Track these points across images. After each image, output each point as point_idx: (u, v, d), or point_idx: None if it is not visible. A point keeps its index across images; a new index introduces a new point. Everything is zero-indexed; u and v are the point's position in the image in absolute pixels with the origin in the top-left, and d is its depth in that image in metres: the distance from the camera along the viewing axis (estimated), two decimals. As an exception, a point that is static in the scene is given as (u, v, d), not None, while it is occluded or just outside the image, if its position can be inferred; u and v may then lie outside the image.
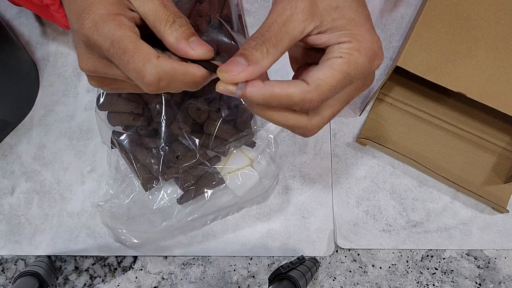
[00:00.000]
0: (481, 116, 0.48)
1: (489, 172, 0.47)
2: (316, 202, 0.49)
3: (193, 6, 0.46)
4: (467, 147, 0.48)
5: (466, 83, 0.41)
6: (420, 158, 0.48)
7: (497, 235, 0.48)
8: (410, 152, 0.48)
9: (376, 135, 0.49)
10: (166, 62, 0.27)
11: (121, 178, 0.48)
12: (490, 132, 0.48)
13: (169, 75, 0.27)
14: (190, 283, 0.49)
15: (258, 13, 0.54)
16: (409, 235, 0.48)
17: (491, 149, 0.48)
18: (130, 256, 0.50)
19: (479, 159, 0.48)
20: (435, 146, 0.49)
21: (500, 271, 0.48)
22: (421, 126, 0.49)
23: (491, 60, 0.41)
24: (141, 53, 0.26)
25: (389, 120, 0.50)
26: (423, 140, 0.49)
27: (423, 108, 0.49)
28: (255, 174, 0.47)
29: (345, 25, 0.27)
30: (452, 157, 0.48)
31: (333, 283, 0.48)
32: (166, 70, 0.27)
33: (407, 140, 0.49)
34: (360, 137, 0.49)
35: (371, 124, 0.50)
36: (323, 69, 0.27)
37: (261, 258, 0.49)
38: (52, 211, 0.51)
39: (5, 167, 0.52)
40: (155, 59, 0.26)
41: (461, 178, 0.47)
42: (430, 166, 0.47)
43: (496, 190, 0.47)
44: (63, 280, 0.50)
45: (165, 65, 0.27)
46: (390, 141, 0.49)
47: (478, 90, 0.41)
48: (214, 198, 0.47)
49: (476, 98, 0.41)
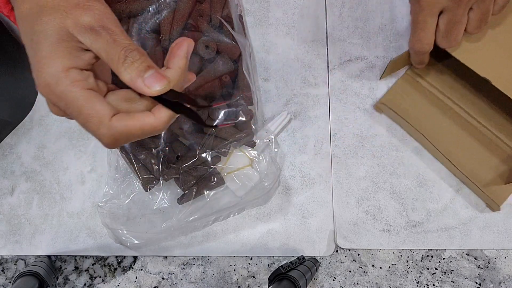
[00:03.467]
0: (502, 116, 0.48)
1: (494, 170, 0.47)
2: (316, 202, 0.49)
3: (194, 5, 0.46)
4: (480, 141, 0.48)
5: (494, 71, 0.41)
6: (433, 139, 0.48)
7: (497, 235, 0.48)
8: (424, 130, 0.48)
9: (394, 106, 0.49)
10: (120, 122, 0.27)
11: (121, 178, 0.48)
12: (507, 133, 0.48)
13: (124, 134, 0.27)
14: (190, 283, 0.49)
15: (258, 13, 0.54)
16: (409, 235, 0.48)
17: (503, 149, 0.48)
18: (130, 256, 0.50)
19: (488, 155, 0.48)
20: (449, 132, 0.49)
21: (500, 271, 0.48)
22: (440, 110, 0.49)
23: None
24: (94, 116, 0.26)
25: (411, 96, 0.50)
26: (439, 123, 0.49)
27: (448, 94, 0.49)
28: (255, 174, 0.47)
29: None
30: (464, 147, 0.48)
31: (333, 283, 0.48)
32: (120, 130, 0.27)
33: (424, 119, 0.49)
34: (380, 102, 0.49)
35: (393, 95, 0.50)
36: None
37: (261, 258, 0.49)
38: (52, 211, 0.51)
39: (5, 167, 0.52)
40: (108, 121, 0.26)
41: (467, 168, 0.47)
42: (441, 148, 0.47)
43: (496, 188, 0.47)
44: (63, 280, 0.50)
45: (118, 126, 0.26)
46: (407, 115, 0.49)
47: (505, 81, 0.41)
48: (215, 198, 0.47)
49: (499, 87, 0.41)
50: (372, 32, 0.52)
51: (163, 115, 0.28)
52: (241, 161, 0.48)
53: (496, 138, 0.48)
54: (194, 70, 0.45)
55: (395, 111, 0.48)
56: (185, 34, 0.45)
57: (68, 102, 0.26)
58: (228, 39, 0.46)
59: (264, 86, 0.52)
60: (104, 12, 0.28)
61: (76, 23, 0.27)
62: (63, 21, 0.27)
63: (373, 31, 0.53)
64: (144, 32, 0.45)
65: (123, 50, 0.27)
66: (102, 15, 0.27)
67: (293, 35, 0.53)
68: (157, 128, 0.28)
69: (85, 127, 0.27)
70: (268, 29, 0.54)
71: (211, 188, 0.46)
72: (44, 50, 0.26)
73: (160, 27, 0.45)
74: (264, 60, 0.53)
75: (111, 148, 0.28)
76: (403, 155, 0.50)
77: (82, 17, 0.27)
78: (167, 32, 0.45)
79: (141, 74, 0.27)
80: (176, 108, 0.28)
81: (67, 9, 0.27)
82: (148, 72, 0.27)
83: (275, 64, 0.53)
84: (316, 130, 0.51)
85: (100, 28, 0.27)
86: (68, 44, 0.27)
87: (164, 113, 0.28)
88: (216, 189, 0.47)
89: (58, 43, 0.26)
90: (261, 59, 0.53)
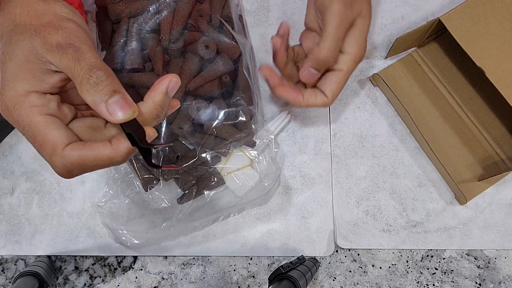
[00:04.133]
0: (493, 117, 0.49)
1: (473, 166, 0.48)
2: (316, 202, 0.49)
3: (194, 5, 0.46)
4: (465, 135, 0.49)
5: (491, 64, 0.42)
6: (420, 122, 0.49)
7: (497, 235, 0.48)
8: (413, 111, 0.49)
9: (390, 81, 0.50)
10: (73, 151, 0.25)
11: (121, 178, 0.48)
12: (493, 135, 0.49)
13: (77, 165, 0.26)
14: (190, 283, 0.49)
15: (258, 13, 0.54)
16: (409, 235, 0.48)
17: (486, 149, 0.49)
18: (130, 256, 0.50)
19: (470, 150, 0.49)
20: (438, 119, 0.50)
21: (500, 271, 0.48)
22: (434, 97, 0.50)
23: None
24: (47, 144, 0.25)
25: (409, 76, 0.51)
26: (430, 109, 0.50)
27: (445, 83, 0.50)
28: (255, 174, 0.47)
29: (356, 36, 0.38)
30: (448, 136, 0.49)
31: (333, 283, 0.48)
32: (73, 160, 0.25)
33: (417, 101, 0.50)
34: (377, 73, 0.49)
35: (391, 71, 0.51)
36: (332, 83, 0.39)
37: (261, 258, 0.49)
38: (52, 211, 0.51)
39: (5, 167, 0.52)
40: (61, 150, 0.25)
41: (446, 157, 0.48)
42: (426, 134, 0.47)
43: (470, 184, 0.48)
44: (63, 280, 0.50)
45: (71, 156, 0.25)
46: (400, 94, 0.50)
47: (499, 76, 0.41)
48: (215, 198, 0.47)
49: (492, 80, 0.41)
50: (372, 32, 0.53)
51: (122, 146, 0.26)
52: (241, 161, 0.48)
53: (482, 136, 0.49)
54: (194, 70, 0.45)
55: (389, 86, 0.49)
56: (185, 34, 0.45)
57: (24, 127, 0.26)
58: (228, 39, 0.46)
59: (264, 86, 0.52)
60: (74, 31, 0.27)
61: (44, 42, 0.26)
62: (31, 41, 0.26)
63: (373, 31, 0.53)
64: (144, 32, 0.45)
65: (88, 69, 0.25)
66: (71, 34, 0.27)
67: (293, 35, 0.53)
68: (114, 160, 0.26)
69: (40, 153, 0.26)
70: (268, 29, 0.54)
71: (211, 188, 0.46)
72: (8, 71, 0.26)
73: (160, 27, 0.45)
74: (264, 60, 0.53)
75: (65, 178, 0.27)
76: (403, 155, 0.50)
77: (51, 36, 0.26)
78: (167, 32, 0.45)
79: (105, 98, 0.25)
80: (132, 141, 0.26)
81: (38, 28, 0.26)
82: (113, 98, 0.25)
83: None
84: (316, 130, 0.51)
85: (66, 46, 0.26)
86: (33, 66, 0.26)
87: (123, 144, 0.26)
88: (216, 189, 0.47)
89: (23, 65, 0.26)
90: (261, 59, 0.53)
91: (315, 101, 0.40)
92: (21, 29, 0.27)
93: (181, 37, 0.45)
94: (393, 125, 0.51)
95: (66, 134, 0.26)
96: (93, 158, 0.26)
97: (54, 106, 0.27)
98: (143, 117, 0.27)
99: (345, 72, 0.39)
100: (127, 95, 0.26)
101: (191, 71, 0.45)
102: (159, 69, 0.44)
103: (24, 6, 0.28)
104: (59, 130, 0.26)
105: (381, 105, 0.51)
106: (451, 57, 0.51)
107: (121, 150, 0.26)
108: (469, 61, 0.42)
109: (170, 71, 0.45)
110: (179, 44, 0.45)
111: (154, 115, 0.28)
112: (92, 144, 0.26)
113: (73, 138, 0.26)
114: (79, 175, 0.27)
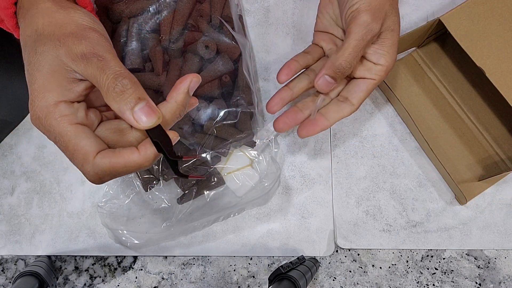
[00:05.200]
0: (493, 117, 0.49)
1: (473, 166, 0.48)
2: (316, 202, 0.49)
3: (194, 5, 0.46)
4: (465, 135, 0.49)
5: (491, 64, 0.42)
6: (420, 122, 0.49)
7: (497, 235, 0.48)
8: (413, 111, 0.49)
9: (390, 80, 0.50)
10: (104, 159, 0.26)
11: (121, 178, 0.48)
12: (493, 135, 0.49)
13: (108, 172, 0.27)
14: (190, 283, 0.49)
15: (258, 13, 0.54)
16: (409, 235, 0.48)
17: (486, 149, 0.49)
18: (130, 256, 0.50)
19: (470, 150, 0.49)
20: (438, 119, 0.50)
21: (500, 271, 0.48)
22: (434, 96, 0.50)
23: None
24: (79, 153, 0.26)
25: (409, 75, 0.51)
26: (430, 109, 0.50)
27: (445, 83, 0.50)
28: (255, 174, 0.47)
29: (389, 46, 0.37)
30: (448, 136, 0.49)
31: (333, 283, 0.48)
32: (104, 168, 0.26)
33: (417, 101, 0.50)
34: None
35: (392, 71, 0.50)
36: (361, 91, 0.38)
37: (261, 258, 0.49)
38: (52, 211, 0.51)
39: (5, 167, 0.52)
40: (92, 158, 0.26)
41: (446, 157, 0.48)
42: (426, 134, 0.47)
43: (470, 184, 0.48)
44: (63, 280, 0.50)
45: (102, 164, 0.26)
46: (400, 93, 0.50)
47: (499, 76, 0.41)
48: (215, 199, 0.47)
49: (492, 80, 0.41)
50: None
51: (149, 152, 0.27)
52: (241, 161, 0.48)
53: (482, 136, 0.49)
54: (194, 70, 0.45)
55: (389, 86, 0.49)
56: (185, 34, 0.45)
57: (55, 136, 0.27)
58: (228, 39, 0.46)
59: (264, 86, 0.52)
60: (97, 40, 0.28)
61: (69, 52, 0.27)
62: (56, 51, 0.27)
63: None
64: (144, 32, 0.45)
65: (113, 77, 0.26)
66: (95, 43, 0.27)
67: (293, 35, 0.53)
68: (142, 165, 0.27)
69: (71, 161, 0.27)
70: (268, 29, 0.54)
71: (211, 188, 0.46)
72: (36, 82, 0.27)
73: (160, 27, 0.45)
74: (264, 60, 0.53)
75: (97, 184, 0.28)
76: (403, 155, 0.50)
77: (75, 46, 0.27)
78: (167, 32, 0.45)
79: (131, 106, 0.26)
80: (158, 148, 0.27)
81: (61, 37, 0.27)
82: (139, 105, 0.26)
83: (275, 64, 0.53)
84: (316, 130, 0.51)
85: (91, 55, 0.26)
86: (60, 76, 0.27)
87: (150, 150, 0.27)
88: (216, 189, 0.47)
89: (50, 76, 0.27)
90: (261, 59, 0.53)
91: (342, 114, 0.39)
92: (44, 39, 0.27)
93: (181, 37, 0.45)
94: (393, 125, 0.51)
95: (96, 143, 0.27)
96: (123, 165, 0.27)
97: (82, 115, 0.28)
98: (166, 117, 0.28)
99: (376, 81, 0.38)
100: (152, 102, 0.27)
101: (191, 71, 0.45)
102: (159, 69, 0.44)
103: (46, 16, 0.28)
104: (89, 139, 0.27)
105: (381, 105, 0.51)
106: (451, 57, 0.51)
107: (148, 156, 0.27)
108: (469, 61, 0.42)
109: (170, 71, 0.45)
110: (179, 44, 0.45)
111: (177, 114, 0.29)
112: (121, 151, 0.27)
113: (102, 146, 0.27)
114: (108, 181, 0.28)
